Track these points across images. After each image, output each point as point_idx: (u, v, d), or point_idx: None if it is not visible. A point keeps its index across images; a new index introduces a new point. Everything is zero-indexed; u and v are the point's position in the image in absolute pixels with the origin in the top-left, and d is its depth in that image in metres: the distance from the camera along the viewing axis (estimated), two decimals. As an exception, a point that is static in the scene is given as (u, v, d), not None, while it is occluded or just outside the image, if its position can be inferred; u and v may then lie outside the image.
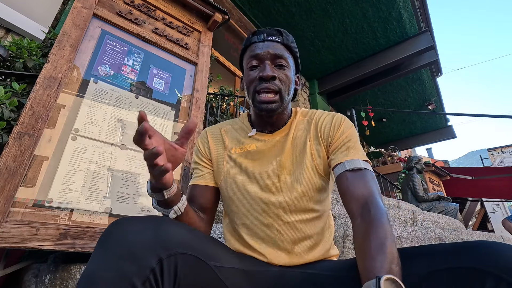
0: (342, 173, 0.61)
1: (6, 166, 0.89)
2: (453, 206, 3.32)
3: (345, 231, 1.47)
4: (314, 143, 0.70)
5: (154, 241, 0.42)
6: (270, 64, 0.68)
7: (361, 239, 0.50)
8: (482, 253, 0.42)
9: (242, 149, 0.73)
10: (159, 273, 0.41)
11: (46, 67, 1.07)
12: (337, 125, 0.69)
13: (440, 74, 5.68)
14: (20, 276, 1.10)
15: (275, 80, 0.67)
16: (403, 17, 4.25)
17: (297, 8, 4.14)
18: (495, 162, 10.15)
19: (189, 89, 1.52)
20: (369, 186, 0.57)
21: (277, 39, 0.70)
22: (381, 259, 0.44)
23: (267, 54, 0.68)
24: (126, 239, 0.40)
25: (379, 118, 6.85)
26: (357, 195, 0.56)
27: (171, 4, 1.61)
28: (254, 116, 0.75)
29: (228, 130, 0.79)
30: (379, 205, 0.53)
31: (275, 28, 0.72)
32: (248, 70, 0.70)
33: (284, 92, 0.68)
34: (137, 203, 1.14)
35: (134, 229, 0.42)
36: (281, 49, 0.69)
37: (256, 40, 0.70)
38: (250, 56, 0.70)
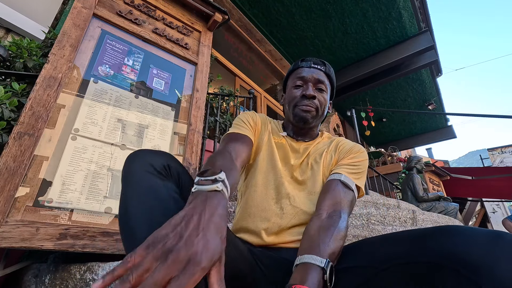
0: (336, 180, 0.70)
1: (6, 166, 0.89)
2: (453, 206, 3.32)
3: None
4: (329, 154, 0.81)
5: (163, 157, 0.56)
6: (312, 86, 0.80)
7: (321, 229, 0.58)
8: (440, 243, 0.40)
9: (275, 139, 0.86)
10: (168, 170, 0.54)
11: (46, 67, 1.07)
12: (355, 151, 0.80)
13: (440, 74, 5.68)
14: (20, 276, 1.10)
15: (315, 99, 0.80)
16: (403, 17, 4.25)
17: (297, 8, 4.14)
18: (495, 162, 10.15)
19: (189, 89, 1.52)
20: (348, 203, 0.67)
21: (321, 68, 0.83)
22: (332, 248, 0.53)
23: (311, 78, 0.81)
24: (144, 155, 0.54)
25: (379, 118, 6.86)
26: (336, 200, 0.65)
27: (171, 4, 1.61)
28: (286, 125, 0.89)
29: (270, 121, 0.92)
30: (345, 219, 0.62)
31: (320, 60, 0.85)
32: (292, 88, 0.83)
33: (319, 110, 0.81)
34: (137, 203, 1.14)
35: (148, 152, 0.56)
36: (323, 76, 0.82)
37: (304, 65, 0.83)
38: (297, 77, 0.83)
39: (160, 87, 1.41)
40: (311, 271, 0.48)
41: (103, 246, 0.98)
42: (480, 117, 2.84)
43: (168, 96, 1.42)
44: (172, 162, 0.56)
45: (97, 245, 0.97)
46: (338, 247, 0.55)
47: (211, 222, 0.38)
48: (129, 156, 0.55)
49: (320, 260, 0.49)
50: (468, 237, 0.39)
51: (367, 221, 1.77)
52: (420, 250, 0.42)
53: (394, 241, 0.49)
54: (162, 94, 1.40)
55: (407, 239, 0.47)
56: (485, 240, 0.38)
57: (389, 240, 0.51)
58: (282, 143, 0.85)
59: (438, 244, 0.41)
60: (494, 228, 6.20)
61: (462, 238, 0.39)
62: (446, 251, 0.39)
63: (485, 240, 0.38)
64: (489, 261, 0.35)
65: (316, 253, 0.51)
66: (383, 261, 0.47)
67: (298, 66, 0.85)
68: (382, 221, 1.79)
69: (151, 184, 0.49)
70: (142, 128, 1.27)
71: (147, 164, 0.52)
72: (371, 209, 1.83)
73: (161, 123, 1.34)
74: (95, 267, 0.87)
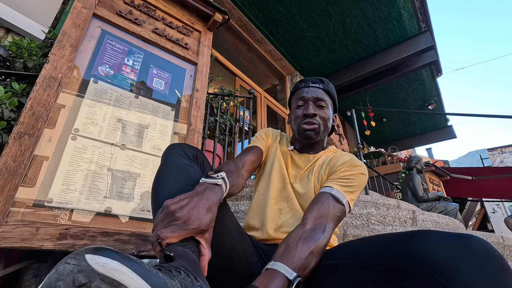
0: (327, 193, 0.71)
1: (6, 166, 0.89)
2: (453, 206, 3.32)
3: (345, 231, 1.47)
4: (322, 168, 0.85)
5: (194, 150, 0.72)
6: (312, 105, 0.86)
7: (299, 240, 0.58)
8: (412, 248, 0.42)
9: (283, 149, 0.95)
10: (195, 158, 0.70)
11: (46, 67, 1.07)
12: (348, 164, 0.81)
13: (440, 74, 5.68)
14: (20, 276, 1.10)
15: (316, 116, 0.86)
16: (403, 17, 4.25)
17: (297, 8, 4.14)
18: (495, 162, 10.15)
19: (189, 89, 1.52)
20: (334, 217, 0.67)
21: (319, 86, 0.88)
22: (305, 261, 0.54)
23: (310, 97, 0.87)
24: (180, 146, 0.71)
25: (379, 118, 6.86)
26: (323, 213, 0.66)
27: (171, 4, 1.61)
28: (293, 141, 0.97)
29: (282, 135, 1.03)
30: (329, 233, 0.63)
31: (319, 78, 0.91)
32: (295, 109, 0.90)
33: (322, 126, 0.87)
34: (137, 203, 1.14)
35: (184, 144, 0.73)
36: (322, 93, 0.88)
37: (303, 86, 0.90)
38: (297, 98, 0.90)
39: (160, 87, 1.41)
40: (277, 280, 0.49)
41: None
42: (480, 117, 2.84)
43: (168, 96, 1.42)
44: (200, 154, 0.73)
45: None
46: (313, 263, 0.55)
47: (205, 203, 0.52)
48: (169, 145, 0.72)
49: (291, 272, 0.50)
50: (434, 241, 0.40)
51: (367, 221, 1.77)
52: (394, 253, 0.44)
53: (373, 244, 0.51)
54: (162, 94, 1.40)
55: (384, 242, 0.49)
56: (450, 243, 0.39)
57: (370, 242, 0.53)
58: (286, 152, 0.93)
59: (409, 248, 0.43)
60: (494, 228, 6.21)
61: (430, 242, 0.41)
62: (416, 254, 0.41)
63: (450, 243, 0.39)
64: (454, 263, 0.36)
65: (289, 264, 0.52)
66: (362, 261, 0.49)
67: (298, 88, 0.92)
68: (382, 221, 1.79)
69: (182, 162, 0.65)
70: (142, 128, 1.27)
71: (181, 150, 0.68)
72: (371, 209, 1.83)
73: (161, 123, 1.34)
74: (95, 267, 0.87)
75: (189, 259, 0.45)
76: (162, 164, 0.67)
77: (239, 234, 0.69)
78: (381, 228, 1.50)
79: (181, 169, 0.64)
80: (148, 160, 1.24)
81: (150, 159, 1.24)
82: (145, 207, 1.15)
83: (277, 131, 1.03)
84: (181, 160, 0.66)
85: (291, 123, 0.95)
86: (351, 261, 0.52)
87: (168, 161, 0.65)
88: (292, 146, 0.95)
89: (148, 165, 1.23)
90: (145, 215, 1.14)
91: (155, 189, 0.62)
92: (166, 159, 0.67)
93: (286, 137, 1.02)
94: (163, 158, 0.68)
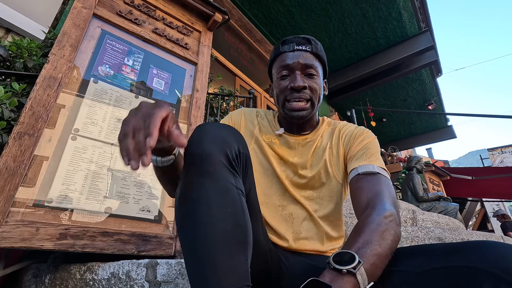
0: (354, 177, 0.62)
1: (6, 166, 0.89)
2: (453, 206, 3.32)
3: (345, 231, 1.47)
4: (334, 149, 0.73)
5: (235, 139, 0.52)
6: (300, 74, 0.69)
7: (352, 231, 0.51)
8: (482, 252, 0.41)
9: (268, 139, 0.77)
10: (238, 159, 0.51)
11: (46, 67, 1.07)
12: (358, 134, 0.72)
13: (440, 74, 5.68)
14: (20, 276, 1.10)
15: (306, 89, 0.69)
16: (403, 17, 4.25)
17: (297, 8, 4.14)
18: (495, 162, 10.15)
19: (189, 89, 1.52)
20: (378, 187, 0.56)
21: (307, 48, 0.71)
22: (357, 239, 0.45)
23: (297, 65, 0.69)
24: (219, 133, 0.50)
25: (379, 118, 6.85)
26: (364, 198, 0.56)
27: (171, 4, 1.61)
28: (282, 118, 0.78)
29: (262, 116, 0.83)
30: (383, 206, 0.52)
31: (304, 37, 0.73)
32: (278, 80, 0.72)
33: (315, 100, 0.71)
34: (137, 203, 1.14)
35: (222, 129, 0.52)
36: (311, 58, 0.71)
37: (286, 49, 0.72)
38: (280, 66, 0.72)
39: (160, 87, 1.41)
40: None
41: (103, 246, 0.98)
42: (480, 117, 2.84)
43: (168, 96, 1.42)
44: (241, 145, 0.53)
45: (97, 245, 0.97)
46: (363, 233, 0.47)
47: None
48: (202, 131, 0.50)
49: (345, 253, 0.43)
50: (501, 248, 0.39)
51: (367, 221, 1.77)
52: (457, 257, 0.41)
53: (428, 250, 0.46)
54: (162, 94, 1.40)
55: (440, 247, 0.45)
56: None
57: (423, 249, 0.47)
58: (274, 143, 0.76)
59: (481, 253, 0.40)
60: (494, 228, 6.20)
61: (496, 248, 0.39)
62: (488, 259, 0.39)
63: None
64: None
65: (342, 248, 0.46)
66: (417, 266, 0.44)
67: (280, 52, 0.73)
68: (382, 221, 1.79)
69: (227, 187, 0.47)
70: (142, 128, 1.27)
71: (223, 153, 0.48)
72: (371, 209, 1.82)
73: (161, 123, 1.34)
74: (95, 267, 0.87)
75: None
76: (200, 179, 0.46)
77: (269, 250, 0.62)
78: (381, 228, 1.50)
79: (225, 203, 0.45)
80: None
81: (150, 159, 1.24)
82: (145, 207, 1.15)
83: (251, 110, 0.83)
84: (224, 180, 0.47)
85: (273, 97, 0.77)
86: (402, 267, 0.45)
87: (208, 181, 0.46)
88: (282, 128, 0.77)
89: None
90: (145, 215, 1.14)
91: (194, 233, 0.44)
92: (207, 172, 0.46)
93: (267, 118, 0.82)
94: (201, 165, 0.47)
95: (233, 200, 0.47)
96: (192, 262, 0.43)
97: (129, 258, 0.93)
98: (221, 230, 0.43)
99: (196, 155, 0.48)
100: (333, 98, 5.97)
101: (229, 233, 0.44)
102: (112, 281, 0.81)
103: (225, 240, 0.43)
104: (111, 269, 0.83)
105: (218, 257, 0.41)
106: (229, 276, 0.41)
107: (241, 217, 0.46)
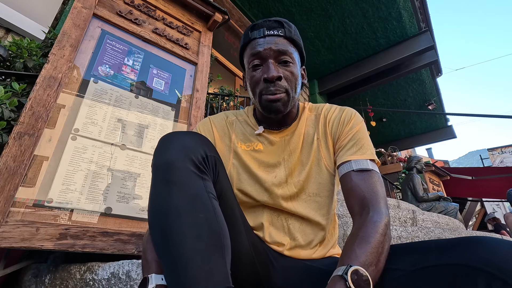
0: (348, 173, 0.59)
1: (6, 166, 0.89)
2: (453, 206, 3.32)
3: (345, 231, 1.47)
4: (322, 140, 0.68)
5: (201, 144, 0.53)
6: (273, 63, 0.62)
7: (350, 236, 0.50)
8: (475, 249, 0.41)
9: (249, 147, 0.70)
10: (206, 162, 0.51)
11: (46, 67, 1.07)
12: (347, 120, 0.66)
13: (440, 74, 5.68)
14: (20, 276, 1.10)
15: (281, 80, 0.62)
16: (403, 17, 4.25)
17: (297, 8, 4.14)
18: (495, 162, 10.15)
19: (189, 89, 1.52)
20: (374, 188, 0.56)
21: (279, 32, 0.64)
22: (359, 252, 0.45)
23: (269, 52, 0.62)
24: (182, 140, 0.51)
25: (379, 118, 6.85)
26: (361, 196, 0.55)
27: (171, 4, 1.61)
28: (259, 113, 0.72)
29: (233, 121, 0.76)
30: (379, 209, 0.52)
31: (275, 20, 0.65)
32: (250, 70, 0.65)
33: (291, 90, 0.64)
34: (137, 203, 1.14)
35: (185, 136, 0.52)
36: (284, 43, 0.64)
37: (256, 36, 0.64)
38: (251, 54, 0.64)
39: (160, 87, 1.41)
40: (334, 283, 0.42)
41: (103, 246, 0.98)
42: (480, 117, 2.84)
43: (168, 96, 1.42)
44: (208, 148, 0.53)
45: (97, 245, 0.97)
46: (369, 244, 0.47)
47: None
48: (165, 141, 0.51)
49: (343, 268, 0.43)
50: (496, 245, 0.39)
51: (367, 221, 1.77)
52: (451, 253, 0.42)
53: (422, 248, 0.46)
54: (162, 94, 1.40)
55: (437, 246, 0.45)
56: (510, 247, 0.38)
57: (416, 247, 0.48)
58: (255, 150, 0.69)
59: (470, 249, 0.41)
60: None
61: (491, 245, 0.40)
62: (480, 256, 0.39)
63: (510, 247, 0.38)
64: None
65: (339, 265, 0.45)
66: (411, 264, 0.45)
67: (250, 39, 0.65)
68: (382, 221, 1.79)
69: (195, 193, 0.46)
70: (142, 128, 1.27)
71: (188, 159, 0.48)
72: (371, 209, 1.82)
73: (161, 123, 1.34)
74: (95, 267, 0.87)
75: None
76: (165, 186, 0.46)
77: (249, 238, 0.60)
78: (381, 228, 1.50)
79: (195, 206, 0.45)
80: (148, 160, 1.24)
81: (150, 159, 1.24)
82: (145, 207, 1.15)
83: (219, 117, 0.76)
84: (192, 184, 0.46)
85: (247, 90, 0.70)
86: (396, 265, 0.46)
87: (175, 188, 0.45)
88: (261, 126, 0.71)
89: (148, 165, 1.23)
90: (145, 215, 1.14)
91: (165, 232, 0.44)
92: (170, 180, 0.46)
93: (240, 120, 0.75)
94: (164, 173, 0.47)
95: (203, 204, 0.46)
96: (169, 274, 0.43)
97: (129, 258, 0.93)
98: (193, 237, 0.43)
99: (161, 165, 0.48)
100: (333, 98, 5.97)
101: (203, 238, 0.43)
102: (112, 281, 0.81)
103: (199, 246, 0.42)
104: (111, 269, 0.83)
105: (193, 264, 0.41)
106: (207, 280, 0.40)
107: (214, 220, 0.46)
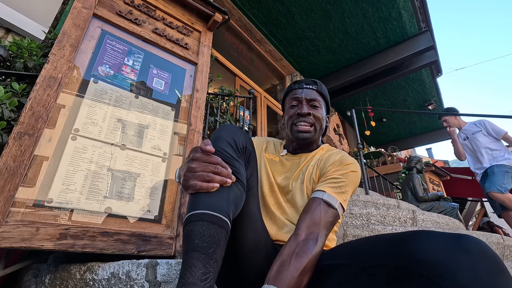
0: (318, 199, 0.71)
1: (6, 166, 0.89)
2: (453, 206, 3.32)
3: (345, 231, 1.47)
4: (314, 168, 0.84)
5: (247, 138, 0.70)
6: (306, 104, 0.87)
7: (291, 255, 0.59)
8: (409, 249, 0.42)
9: (270, 156, 0.94)
10: (243, 150, 0.68)
11: (46, 67, 1.07)
12: (338, 163, 0.80)
13: (440, 74, 5.68)
14: (20, 276, 1.10)
15: (310, 116, 0.86)
16: (403, 17, 4.25)
17: (297, 8, 4.14)
18: (495, 162, 10.12)
19: (189, 89, 1.52)
20: (327, 223, 0.67)
21: (313, 87, 0.90)
22: (281, 275, 0.55)
23: (304, 97, 0.88)
24: (234, 128, 0.69)
25: (379, 118, 6.85)
26: (315, 221, 0.66)
27: (171, 4, 1.61)
28: (287, 142, 0.96)
29: (270, 141, 1.01)
30: (322, 241, 0.64)
31: (312, 79, 0.92)
32: (289, 109, 0.90)
33: (317, 125, 0.87)
34: (137, 203, 1.14)
35: (238, 128, 0.70)
36: (315, 94, 0.89)
37: (297, 87, 0.91)
38: (291, 98, 0.91)
39: (160, 87, 1.41)
40: None
41: (103, 246, 0.98)
42: (480, 117, 2.84)
43: (168, 96, 1.42)
44: (248, 143, 0.70)
45: (97, 245, 0.97)
46: (305, 281, 0.57)
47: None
48: (221, 127, 0.70)
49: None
50: (431, 242, 0.40)
51: (367, 221, 1.77)
52: (393, 253, 0.45)
53: (373, 244, 0.52)
54: (162, 94, 1.40)
55: (384, 242, 0.49)
56: (446, 244, 0.39)
57: (369, 242, 0.53)
58: (274, 160, 0.93)
59: (407, 249, 0.43)
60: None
61: (426, 243, 0.41)
62: (413, 255, 0.41)
63: (446, 244, 0.39)
64: (451, 265, 0.36)
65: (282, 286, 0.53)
66: (362, 261, 0.50)
67: (292, 89, 0.93)
68: (382, 221, 1.79)
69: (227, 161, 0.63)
70: (142, 128, 1.27)
71: (232, 138, 0.66)
72: (371, 209, 1.83)
73: (161, 123, 1.34)
74: (95, 267, 0.87)
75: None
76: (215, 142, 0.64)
77: (263, 229, 0.72)
78: (381, 228, 1.50)
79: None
80: (148, 160, 1.24)
81: (150, 159, 1.24)
82: (145, 207, 1.15)
83: (263, 139, 1.02)
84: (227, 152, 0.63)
85: (284, 124, 0.94)
86: (351, 261, 0.53)
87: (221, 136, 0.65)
88: (285, 150, 0.94)
89: (148, 165, 1.23)
90: (145, 215, 1.14)
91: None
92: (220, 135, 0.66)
93: (274, 143, 1.00)
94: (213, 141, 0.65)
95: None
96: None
97: (129, 258, 0.93)
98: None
99: (212, 138, 0.66)
100: (333, 98, 5.96)
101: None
102: (112, 281, 0.81)
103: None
104: (111, 269, 0.83)
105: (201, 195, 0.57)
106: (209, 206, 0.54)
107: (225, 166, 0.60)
